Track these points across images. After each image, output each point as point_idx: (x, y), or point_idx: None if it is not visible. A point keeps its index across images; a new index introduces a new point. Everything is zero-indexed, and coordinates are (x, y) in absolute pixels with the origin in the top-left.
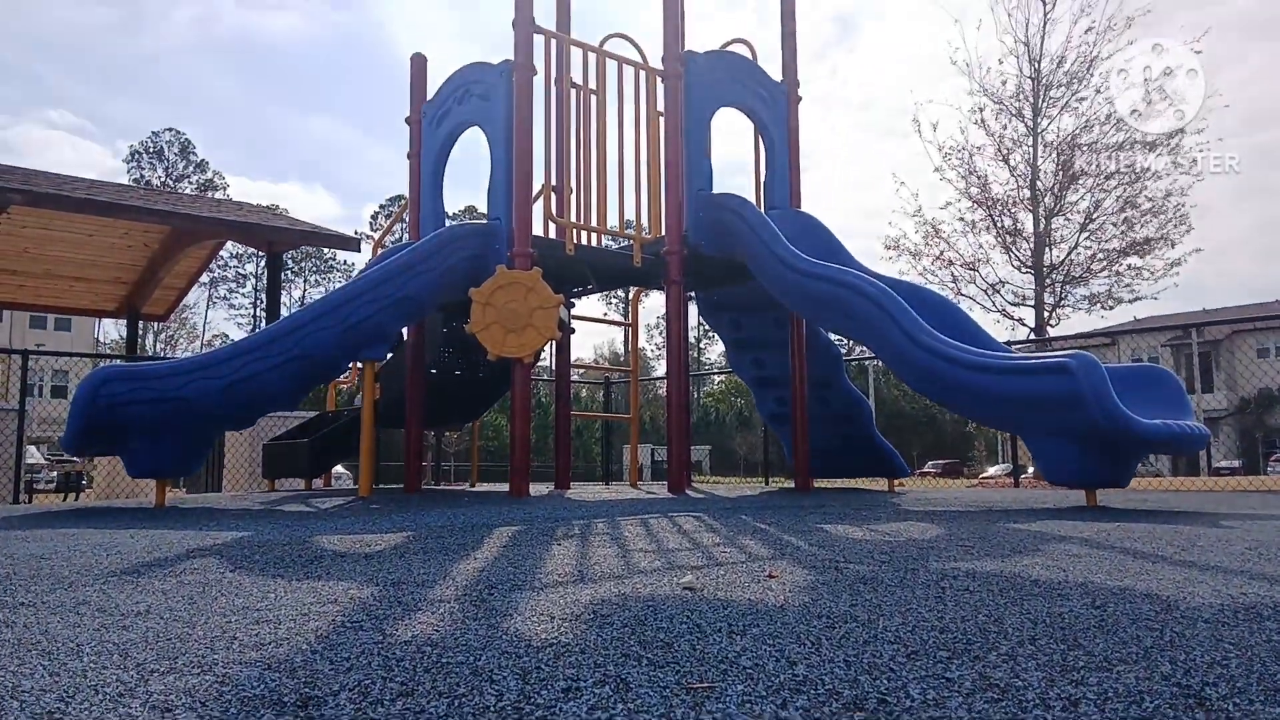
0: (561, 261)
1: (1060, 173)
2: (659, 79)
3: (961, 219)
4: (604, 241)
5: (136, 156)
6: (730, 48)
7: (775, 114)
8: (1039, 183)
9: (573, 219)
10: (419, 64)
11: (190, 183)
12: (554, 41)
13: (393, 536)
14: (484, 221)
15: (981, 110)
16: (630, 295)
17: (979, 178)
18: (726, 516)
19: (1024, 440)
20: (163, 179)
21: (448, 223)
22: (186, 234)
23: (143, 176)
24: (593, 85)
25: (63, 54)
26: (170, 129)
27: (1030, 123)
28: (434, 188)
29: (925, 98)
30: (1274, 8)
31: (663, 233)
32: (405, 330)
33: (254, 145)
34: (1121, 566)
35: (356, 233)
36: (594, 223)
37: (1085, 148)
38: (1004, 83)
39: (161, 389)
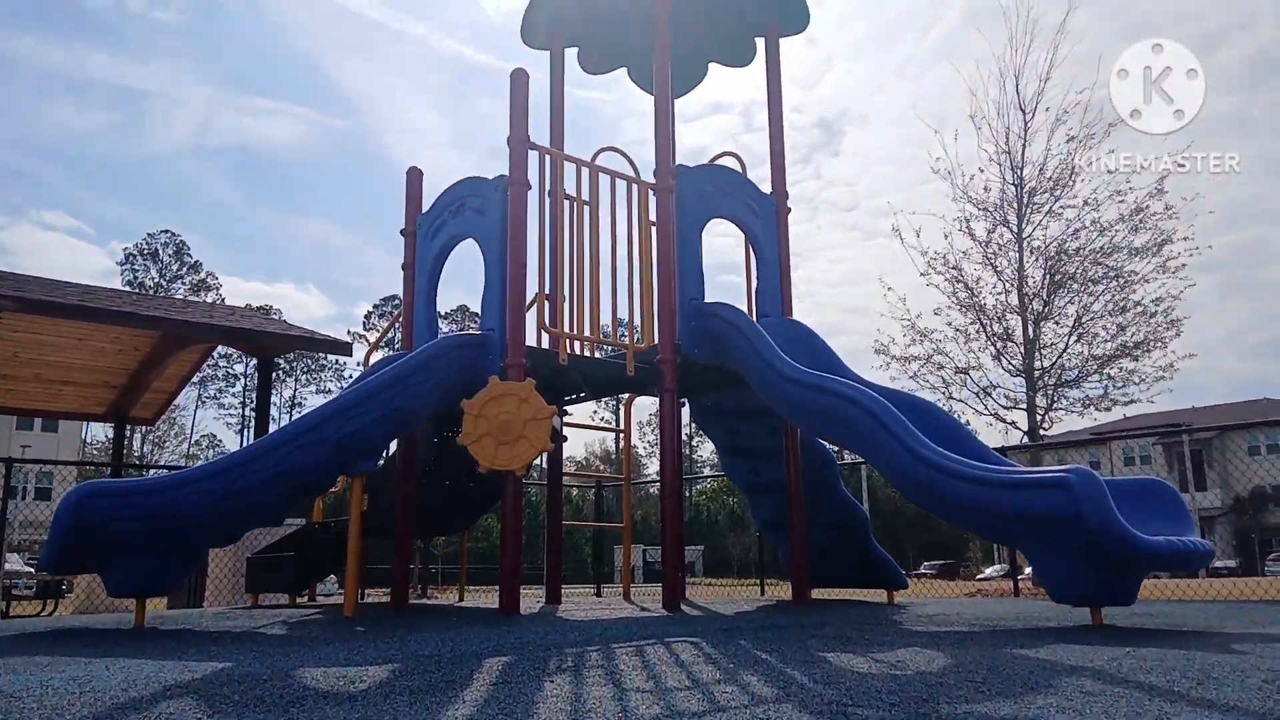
0: (555, 371)
1: (1047, 279)
2: (651, 192)
3: (950, 323)
4: (597, 350)
5: (131, 259)
6: (720, 160)
7: (765, 225)
8: (1026, 288)
9: (566, 328)
10: (415, 178)
11: (184, 283)
12: (548, 157)
13: (378, 670)
14: (477, 333)
15: (967, 219)
16: (624, 399)
17: (966, 285)
18: (725, 643)
19: (1025, 555)
20: (156, 280)
21: (441, 331)
22: (177, 339)
23: (136, 278)
24: (586, 195)
25: (62, 157)
26: (166, 231)
27: (1016, 229)
28: (428, 298)
29: (907, 206)
30: (1251, 108)
31: (656, 341)
32: (395, 440)
33: (248, 247)
34: (1140, 708)
35: (350, 333)
36: (587, 332)
37: (1072, 254)
38: (986, 189)
39: (146, 505)
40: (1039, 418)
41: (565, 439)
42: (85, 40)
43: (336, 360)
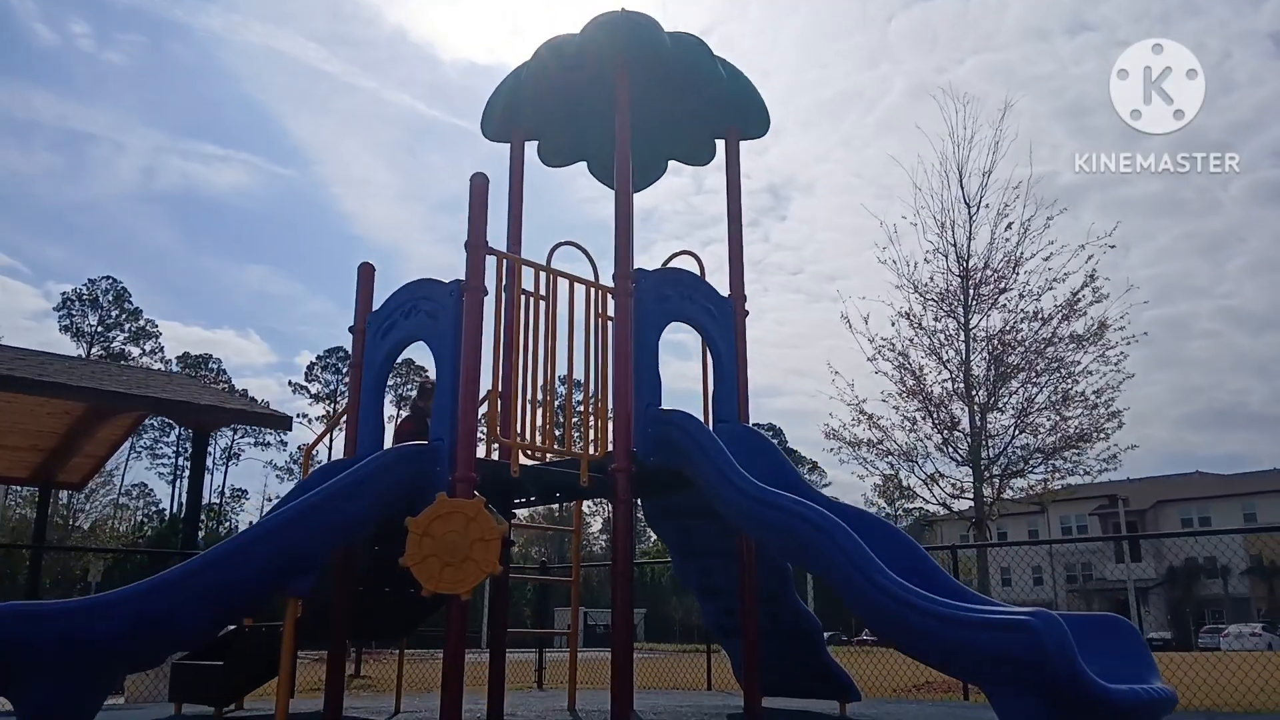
0: (506, 481)
1: (992, 369)
2: (609, 295)
3: (897, 409)
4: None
5: (69, 303)
6: (677, 259)
7: (723, 328)
8: (973, 377)
9: (519, 435)
10: (366, 274)
11: (123, 330)
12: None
13: None
14: (425, 443)
15: (909, 314)
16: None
17: (913, 373)
18: None
19: (984, 692)
20: (94, 327)
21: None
22: (110, 409)
23: (74, 323)
24: (544, 290)
25: (2, 198)
26: (107, 277)
27: (962, 319)
28: (375, 400)
29: (845, 272)
30: (1178, 189)
31: (610, 448)
32: None
33: (189, 292)
34: None
35: (290, 383)
36: (540, 439)
37: (1015, 345)
38: (931, 278)
39: (61, 629)
40: (986, 507)
41: (514, 543)
42: (29, 79)
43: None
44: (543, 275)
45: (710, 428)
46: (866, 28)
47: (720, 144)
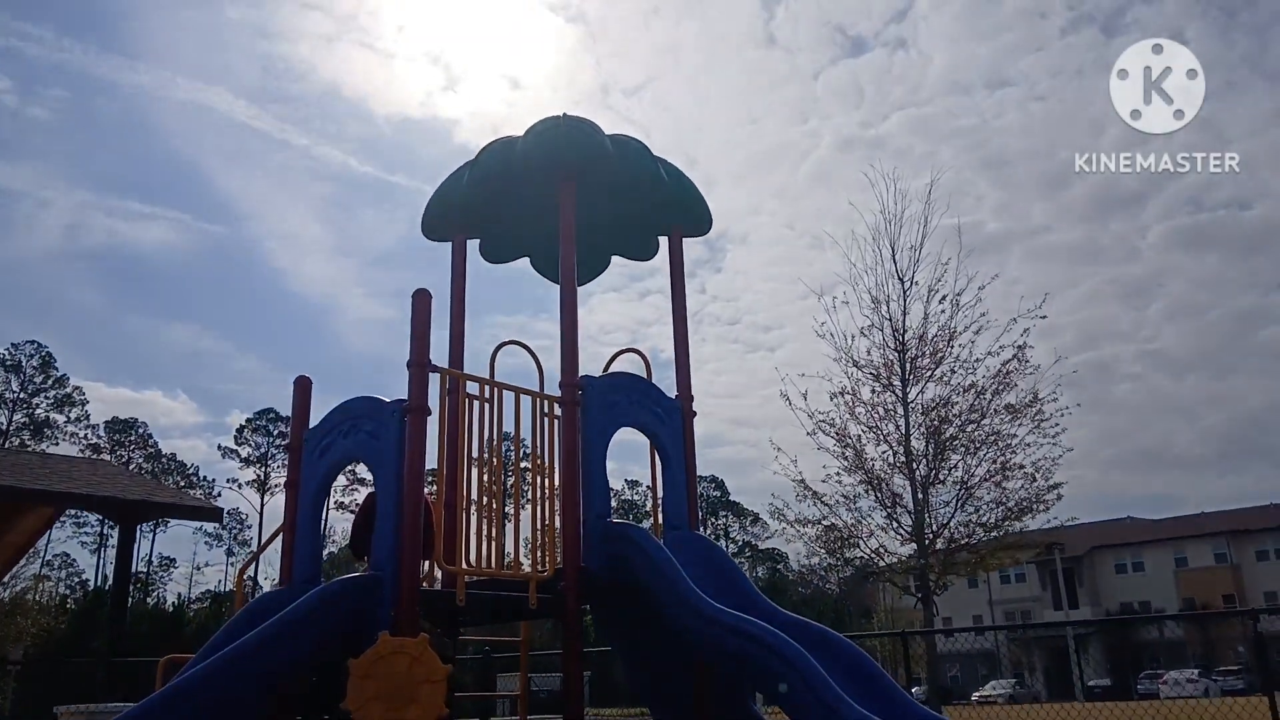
0: (451, 608)
1: (930, 443)
2: (556, 404)
3: (840, 483)
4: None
5: None
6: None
7: (672, 431)
8: (913, 451)
9: (464, 557)
10: (303, 387)
11: (47, 397)
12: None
13: None
14: (365, 574)
15: (846, 391)
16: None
17: (854, 448)
18: None
19: None
20: (17, 394)
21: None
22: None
23: None
24: (488, 396)
25: None
26: (32, 341)
27: (900, 393)
28: (313, 521)
29: (777, 321)
30: (1098, 236)
31: (559, 564)
32: None
33: (115, 352)
34: None
35: (220, 447)
36: (487, 559)
37: (953, 418)
38: (868, 352)
39: None
40: (932, 582)
41: (455, 662)
42: None
43: (205, 475)
44: (488, 386)
45: (661, 536)
46: (795, 83)
47: (664, 241)
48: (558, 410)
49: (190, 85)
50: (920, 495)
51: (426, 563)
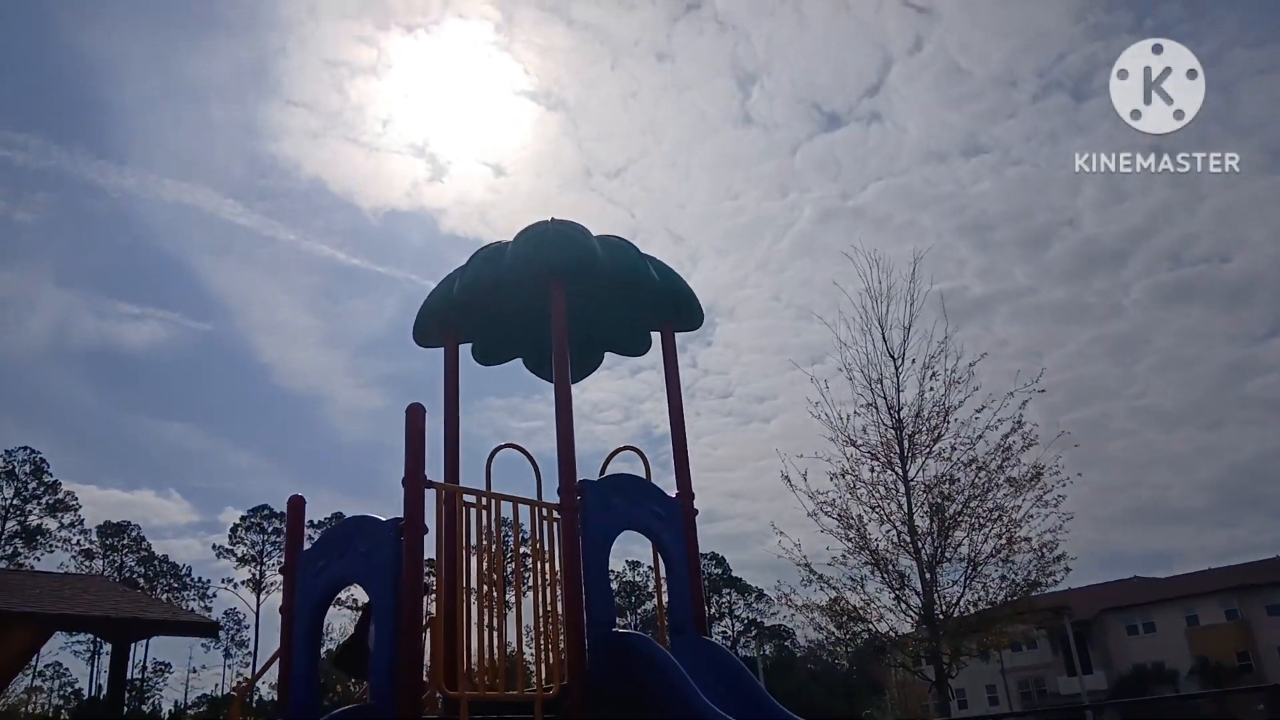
0: None
1: (934, 521)
2: (555, 511)
3: (843, 563)
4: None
5: None
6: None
7: (673, 531)
8: (917, 530)
9: (465, 669)
10: (296, 506)
11: (40, 503)
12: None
13: None
14: (364, 703)
15: (846, 471)
16: None
17: (857, 530)
18: None
19: None
20: (9, 500)
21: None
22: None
23: None
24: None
25: None
26: (24, 447)
27: (900, 470)
28: (308, 645)
29: (770, 392)
30: (1085, 295)
31: (564, 680)
32: None
33: (106, 453)
34: None
35: (215, 547)
36: (490, 679)
37: (955, 495)
38: (865, 430)
39: None
40: (945, 664)
41: None
42: None
43: (200, 577)
44: (487, 495)
45: (667, 642)
46: (773, 158)
47: (657, 337)
48: (557, 513)
49: (177, 185)
50: (928, 575)
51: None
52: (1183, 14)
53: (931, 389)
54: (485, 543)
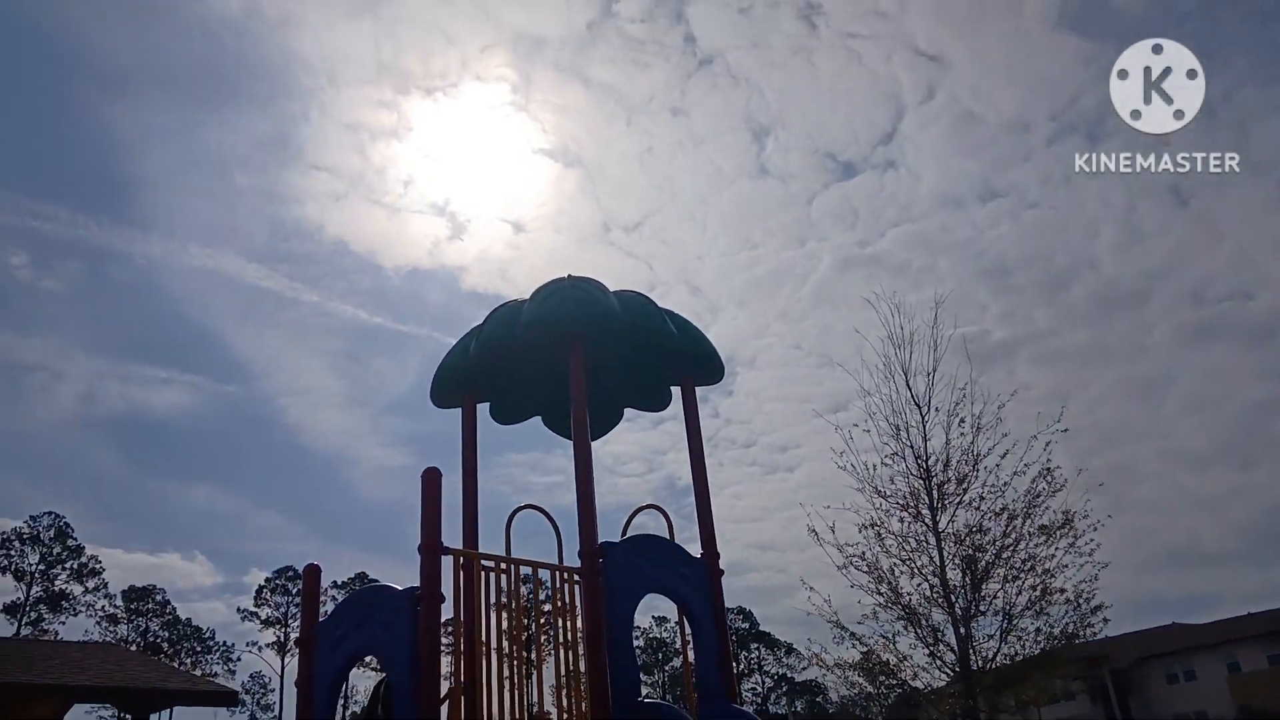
0: None
1: (967, 574)
2: (575, 575)
3: (875, 619)
4: None
5: (8, 542)
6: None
7: (699, 593)
8: (949, 582)
9: None
10: (312, 575)
11: (64, 568)
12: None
13: None
14: None
15: (875, 523)
16: None
17: (888, 583)
18: None
19: None
20: (35, 565)
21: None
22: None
23: (12, 564)
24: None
25: None
26: (49, 513)
27: (930, 522)
28: (327, 717)
29: (792, 441)
30: (1108, 336)
31: None
32: None
33: (132, 517)
34: None
35: (240, 610)
36: None
37: (987, 546)
38: (892, 480)
39: None
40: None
41: None
42: None
43: (223, 640)
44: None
45: (695, 710)
46: (790, 208)
47: (677, 391)
48: (578, 576)
49: (201, 251)
50: (962, 630)
51: None
52: (1195, 54)
53: (961, 434)
54: (504, 608)
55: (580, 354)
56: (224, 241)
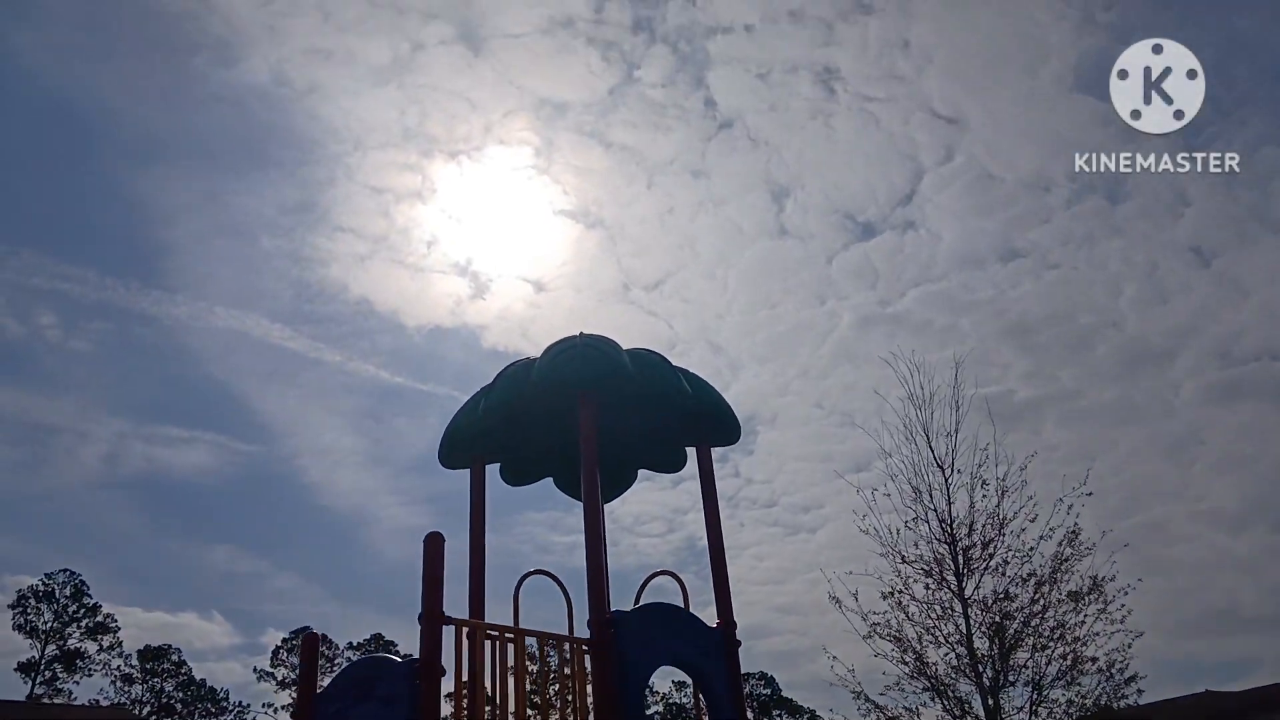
0: None
1: (994, 641)
2: (584, 647)
3: (901, 690)
4: None
5: (24, 600)
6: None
7: (715, 664)
8: (978, 652)
9: None
10: (310, 644)
11: (79, 626)
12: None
13: None
14: None
15: (897, 590)
16: None
17: (913, 652)
18: None
19: None
20: (49, 623)
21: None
22: None
23: (28, 621)
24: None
25: None
26: (65, 570)
27: (955, 588)
28: None
29: (815, 501)
30: (1134, 394)
31: None
32: None
33: (152, 577)
34: None
35: (256, 670)
36: None
37: (1015, 613)
38: (915, 545)
39: None
40: None
41: None
42: None
43: (241, 703)
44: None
45: None
46: (810, 267)
47: (692, 452)
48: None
49: (227, 313)
50: (990, 701)
51: None
52: (1212, 115)
53: (984, 496)
54: (510, 681)
55: (591, 413)
56: (249, 303)
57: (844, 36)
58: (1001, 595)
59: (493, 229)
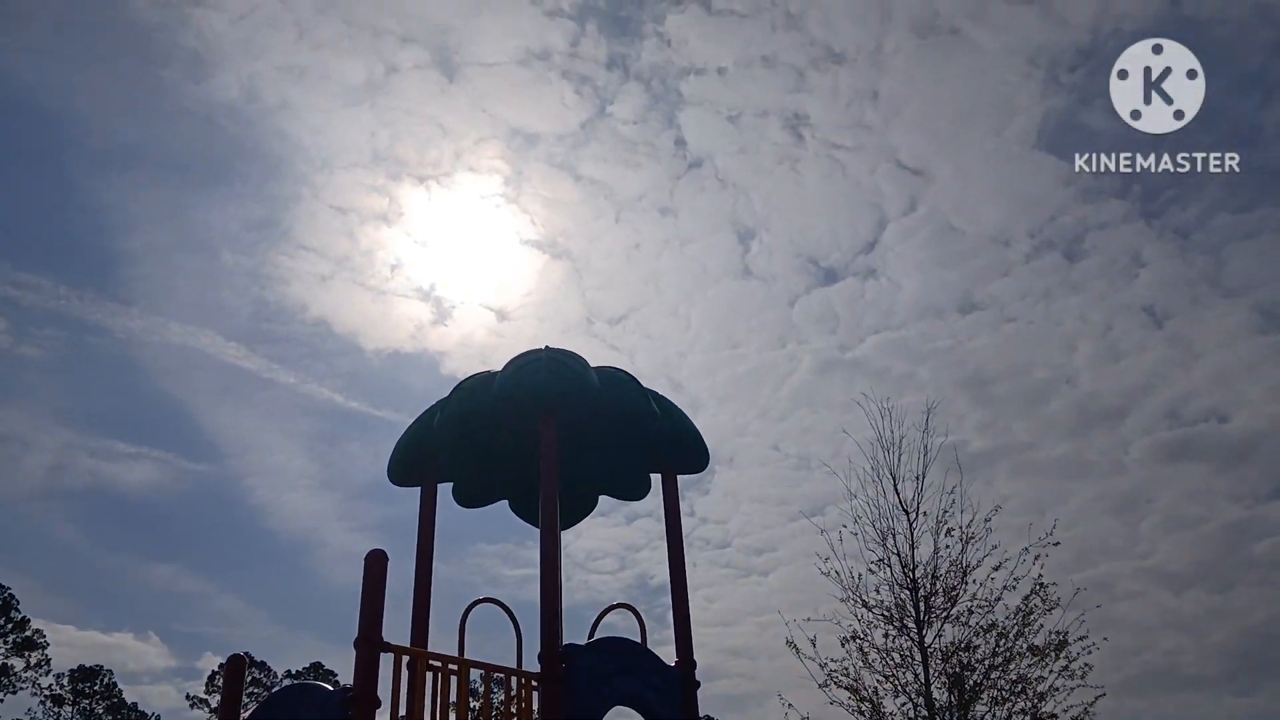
0: None
1: (953, 692)
2: (533, 682)
3: None
4: None
5: None
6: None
7: (672, 707)
8: (934, 702)
9: None
10: (236, 668)
11: (6, 641)
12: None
13: None
14: None
15: (857, 635)
16: None
17: (871, 702)
18: None
19: None
20: None
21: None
22: None
23: None
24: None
25: None
26: None
27: (915, 636)
28: None
29: (769, 545)
30: (1087, 451)
31: None
32: None
33: (90, 593)
34: None
35: (189, 697)
36: None
37: (976, 664)
38: (878, 590)
39: None
40: None
41: None
42: None
43: None
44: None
45: None
46: (772, 309)
47: (657, 480)
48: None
49: (182, 328)
50: None
51: None
52: (1169, 180)
53: (947, 546)
54: (451, 717)
55: (553, 431)
56: (206, 319)
57: (815, 84)
58: (962, 645)
59: (458, 255)
